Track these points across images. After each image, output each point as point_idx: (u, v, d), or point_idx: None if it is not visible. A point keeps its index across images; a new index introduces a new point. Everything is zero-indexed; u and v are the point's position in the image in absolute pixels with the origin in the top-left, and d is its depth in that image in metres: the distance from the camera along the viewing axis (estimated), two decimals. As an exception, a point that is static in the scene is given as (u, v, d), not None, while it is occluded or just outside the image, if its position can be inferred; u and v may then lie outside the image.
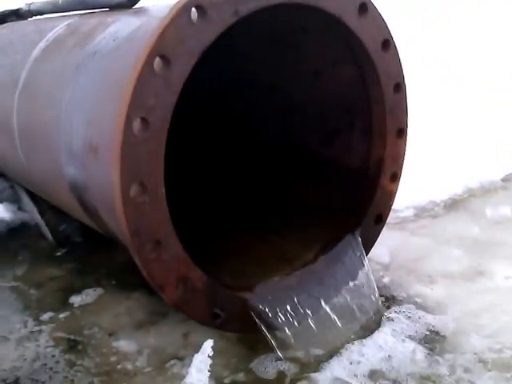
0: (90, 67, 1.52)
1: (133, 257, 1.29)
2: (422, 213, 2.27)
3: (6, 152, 2.15)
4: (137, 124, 1.18)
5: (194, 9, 1.20)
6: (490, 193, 2.40)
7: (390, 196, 1.79)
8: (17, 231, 2.41)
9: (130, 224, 1.22)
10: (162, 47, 1.17)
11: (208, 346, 1.41)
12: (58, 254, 2.21)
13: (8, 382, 1.49)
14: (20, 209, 2.53)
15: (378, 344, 1.52)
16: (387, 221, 1.82)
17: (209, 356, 1.39)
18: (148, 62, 1.16)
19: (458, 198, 2.37)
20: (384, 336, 1.55)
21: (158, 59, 1.17)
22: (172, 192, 1.32)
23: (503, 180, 2.51)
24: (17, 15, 2.73)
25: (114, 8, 1.81)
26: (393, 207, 1.86)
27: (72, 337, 1.68)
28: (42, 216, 2.37)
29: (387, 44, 1.59)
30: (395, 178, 1.77)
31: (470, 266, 1.89)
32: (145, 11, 1.59)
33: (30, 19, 2.63)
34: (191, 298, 1.37)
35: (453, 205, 2.32)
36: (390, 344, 1.53)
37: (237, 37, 1.36)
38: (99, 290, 1.92)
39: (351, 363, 1.50)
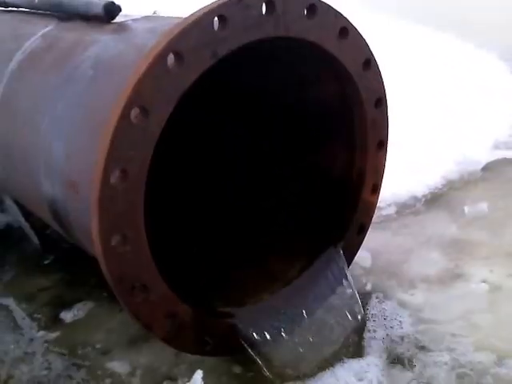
0: (68, 96, 1.47)
1: (118, 298, 1.27)
2: (403, 209, 2.27)
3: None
4: (115, 175, 1.14)
5: (171, 54, 1.15)
6: (470, 185, 2.40)
7: (372, 207, 1.78)
8: (3, 236, 2.36)
9: (112, 272, 1.21)
10: (139, 98, 1.13)
11: (198, 377, 1.43)
12: (46, 262, 2.18)
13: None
14: (3, 211, 2.48)
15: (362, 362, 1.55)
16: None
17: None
18: (125, 114, 1.11)
19: (438, 191, 2.37)
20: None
21: (135, 109, 1.13)
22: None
23: (483, 170, 2.51)
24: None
25: (91, 19, 1.73)
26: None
27: (66, 357, 1.68)
28: (27, 219, 2.32)
29: (368, 63, 1.56)
30: (376, 189, 1.77)
31: (447, 269, 1.92)
32: (123, 34, 1.52)
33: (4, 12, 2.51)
34: (180, 333, 1.37)
35: (433, 199, 2.32)
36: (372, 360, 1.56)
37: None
38: (90, 304, 1.91)
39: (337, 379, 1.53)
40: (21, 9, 2.30)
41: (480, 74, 3.29)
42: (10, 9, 2.44)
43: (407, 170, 2.38)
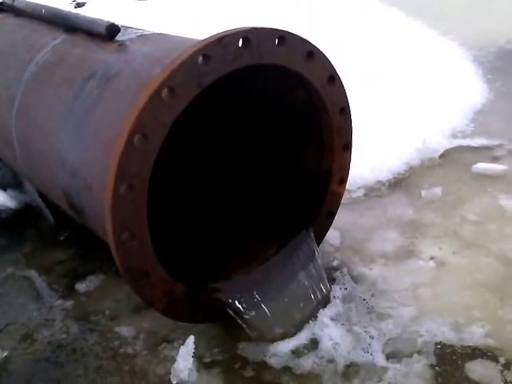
0: (77, 111, 1.67)
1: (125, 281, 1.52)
2: (370, 192, 2.49)
3: (6, 153, 2.29)
4: (123, 188, 1.36)
5: (165, 89, 1.35)
6: (428, 171, 2.61)
7: (339, 196, 2.01)
8: (22, 215, 2.58)
9: (122, 262, 1.44)
10: (140, 126, 1.33)
11: (190, 341, 1.69)
12: (61, 238, 2.41)
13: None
14: (22, 192, 2.69)
15: (325, 324, 1.81)
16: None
17: (192, 349, 1.67)
18: (129, 140, 1.32)
19: (400, 176, 2.57)
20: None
21: (137, 135, 1.33)
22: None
23: (440, 157, 2.72)
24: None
25: (94, 35, 1.90)
26: (347, 188, 2.08)
27: (81, 323, 1.93)
28: (43, 199, 2.53)
29: (332, 79, 1.75)
30: (342, 181, 1.99)
31: (402, 246, 2.15)
32: (123, 57, 1.70)
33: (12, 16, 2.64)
34: (176, 307, 1.62)
35: (396, 184, 2.53)
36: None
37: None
38: (100, 276, 2.15)
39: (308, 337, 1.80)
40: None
41: (442, 62, 3.45)
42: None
43: (374, 156, 2.59)
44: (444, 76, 3.30)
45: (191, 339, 1.71)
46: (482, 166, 2.53)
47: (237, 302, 1.76)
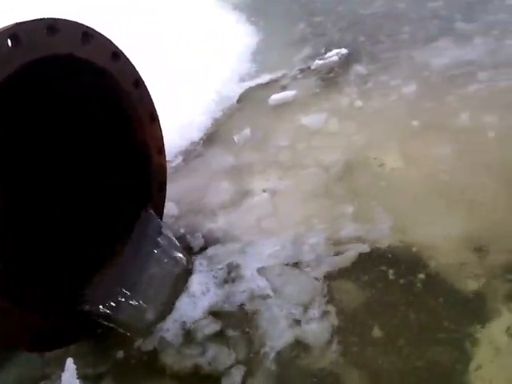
0: None
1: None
2: (188, 156, 2.53)
3: None
4: None
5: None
6: (233, 117, 2.73)
7: (162, 167, 2.00)
8: None
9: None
10: None
11: (70, 363, 1.58)
12: None
13: None
14: None
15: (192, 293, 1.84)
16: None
17: (74, 370, 1.57)
18: None
19: (210, 131, 2.66)
20: (195, 282, 1.87)
21: None
22: None
23: (238, 101, 2.85)
24: None
25: None
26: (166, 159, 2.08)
27: None
28: None
29: (116, 55, 1.71)
30: (160, 151, 1.98)
31: (236, 191, 2.24)
32: None
33: None
34: (40, 338, 1.48)
35: (209, 139, 2.61)
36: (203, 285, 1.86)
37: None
38: None
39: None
40: None
41: (207, 19, 3.58)
42: None
43: (180, 121, 2.62)
44: (215, 31, 3.42)
45: (70, 361, 1.60)
46: (275, 97, 2.72)
47: (101, 307, 1.69)
